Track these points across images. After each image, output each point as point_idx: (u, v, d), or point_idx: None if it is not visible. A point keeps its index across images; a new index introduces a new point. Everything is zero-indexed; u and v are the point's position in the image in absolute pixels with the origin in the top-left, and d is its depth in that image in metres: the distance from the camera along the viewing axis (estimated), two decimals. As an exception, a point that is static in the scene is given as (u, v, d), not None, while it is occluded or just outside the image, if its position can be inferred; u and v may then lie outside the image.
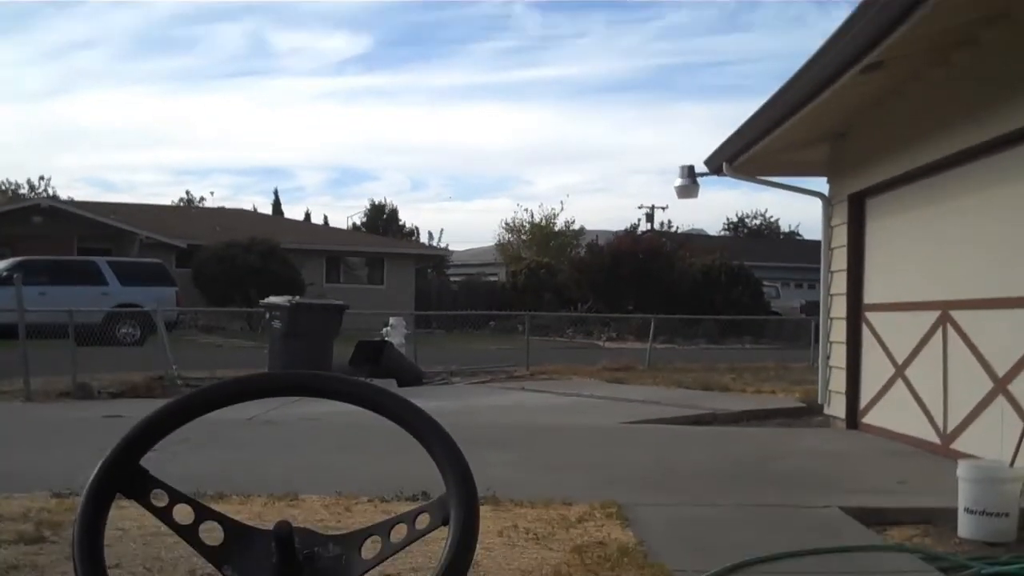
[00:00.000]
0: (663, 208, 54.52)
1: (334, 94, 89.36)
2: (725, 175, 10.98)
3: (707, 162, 11.39)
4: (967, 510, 5.48)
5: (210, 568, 1.26)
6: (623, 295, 33.65)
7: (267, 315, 14.97)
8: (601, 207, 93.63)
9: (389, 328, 17.22)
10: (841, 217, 10.22)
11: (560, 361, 17.86)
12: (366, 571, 1.24)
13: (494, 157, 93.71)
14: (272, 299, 15.09)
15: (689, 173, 12.14)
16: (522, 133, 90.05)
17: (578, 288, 35.48)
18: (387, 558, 1.23)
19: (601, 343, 28.64)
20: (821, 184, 11.02)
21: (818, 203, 10.90)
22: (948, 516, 5.62)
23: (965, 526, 5.47)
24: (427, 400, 9.28)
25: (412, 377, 14.66)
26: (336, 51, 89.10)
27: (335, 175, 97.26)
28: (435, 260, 44.81)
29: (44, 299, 18.43)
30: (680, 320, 26.88)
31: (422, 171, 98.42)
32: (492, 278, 43.96)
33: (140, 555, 4.51)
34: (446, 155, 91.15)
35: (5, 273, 20.39)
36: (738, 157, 10.41)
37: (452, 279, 45.50)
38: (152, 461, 1.28)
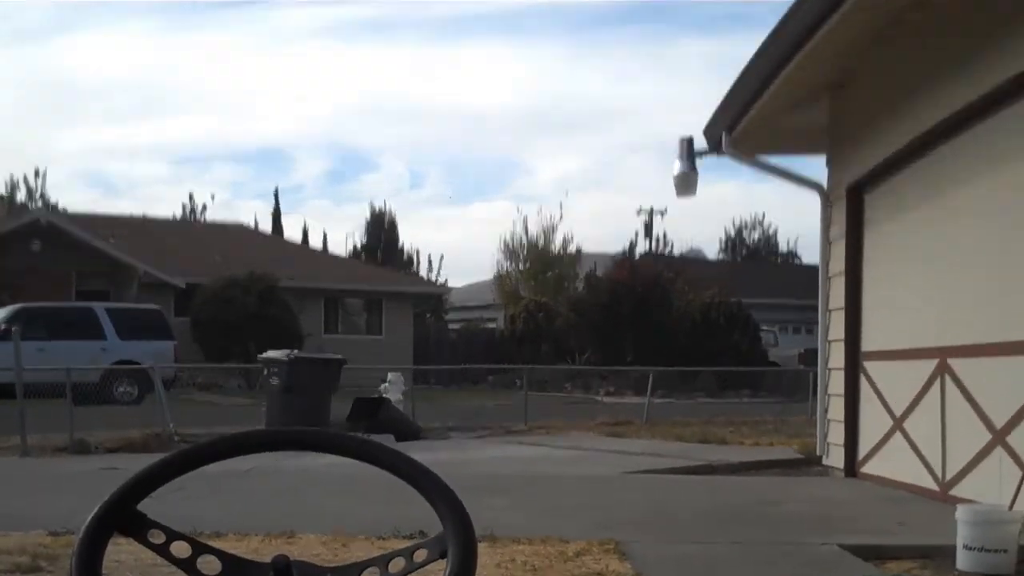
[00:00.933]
0: (662, 213, 54.92)
1: (334, 28, 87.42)
2: (724, 153, 10.81)
3: (706, 131, 11.06)
4: (966, 547, 5.48)
5: None
6: (621, 341, 33.65)
7: (265, 371, 14.95)
8: (599, 211, 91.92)
9: (387, 384, 17.19)
10: (840, 224, 10.10)
11: (558, 416, 17.80)
12: None
13: (493, 127, 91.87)
14: (271, 353, 15.07)
15: (688, 150, 11.54)
16: (521, 90, 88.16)
17: (576, 334, 35.49)
18: None
19: (599, 398, 28.57)
20: (820, 168, 10.90)
21: (816, 205, 10.79)
22: (947, 552, 5.61)
23: (963, 560, 5.46)
24: (424, 453, 9.27)
25: (410, 432, 14.61)
26: None
27: (334, 163, 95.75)
28: (434, 300, 44.81)
29: (43, 355, 18.42)
30: (678, 373, 26.87)
31: (420, 152, 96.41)
32: (490, 324, 44.02)
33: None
34: (444, 124, 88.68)
35: (4, 325, 20.38)
36: (738, 121, 10.16)
37: (451, 326, 45.50)
38: (149, 507, 1.31)
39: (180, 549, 1.30)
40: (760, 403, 24.08)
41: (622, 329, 33.97)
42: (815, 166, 11.28)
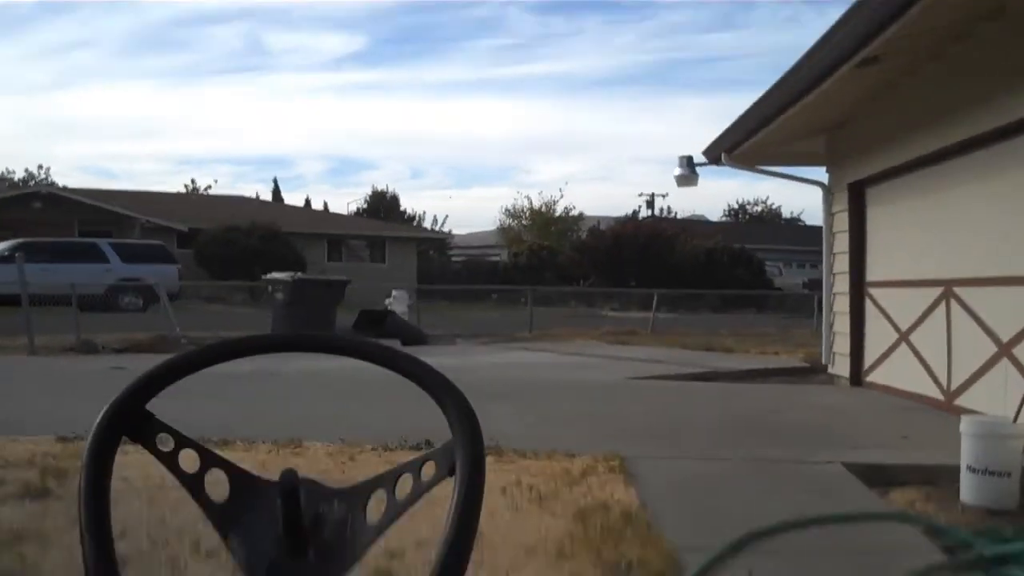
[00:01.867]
0: (663, 196, 54.55)
1: (331, 88, 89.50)
2: (724, 165, 10.95)
3: (706, 152, 11.39)
4: (970, 468, 5.44)
5: (214, 541, 1.24)
6: (625, 273, 33.61)
7: (270, 289, 14.98)
8: (601, 195, 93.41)
9: (392, 299, 17.25)
10: (842, 204, 10.24)
11: (563, 325, 17.87)
12: (372, 541, 1.22)
13: (494, 147, 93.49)
14: (275, 274, 15.12)
15: (688, 163, 12.11)
16: (522, 123, 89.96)
17: (580, 268, 35.44)
18: (393, 521, 1.21)
19: (604, 312, 28.66)
20: (820, 173, 11.03)
21: (818, 191, 10.86)
22: (951, 475, 5.58)
23: (968, 488, 5.42)
24: (430, 357, 9.21)
25: (416, 338, 14.69)
26: (331, 50, 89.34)
27: (334, 164, 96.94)
28: (437, 243, 44.70)
29: (46, 275, 18.43)
30: (683, 294, 26.89)
31: (422, 160, 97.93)
32: (494, 258, 43.92)
33: (145, 517, 4.47)
34: (446, 146, 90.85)
35: (7, 252, 20.29)
36: (736, 148, 10.44)
37: (454, 259, 45.42)
38: (156, 411, 1.27)
39: (188, 460, 1.27)
40: (765, 317, 24.17)
41: (625, 266, 33.89)
42: (814, 172, 11.37)
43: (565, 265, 36.41)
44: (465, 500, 1.14)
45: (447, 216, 65.64)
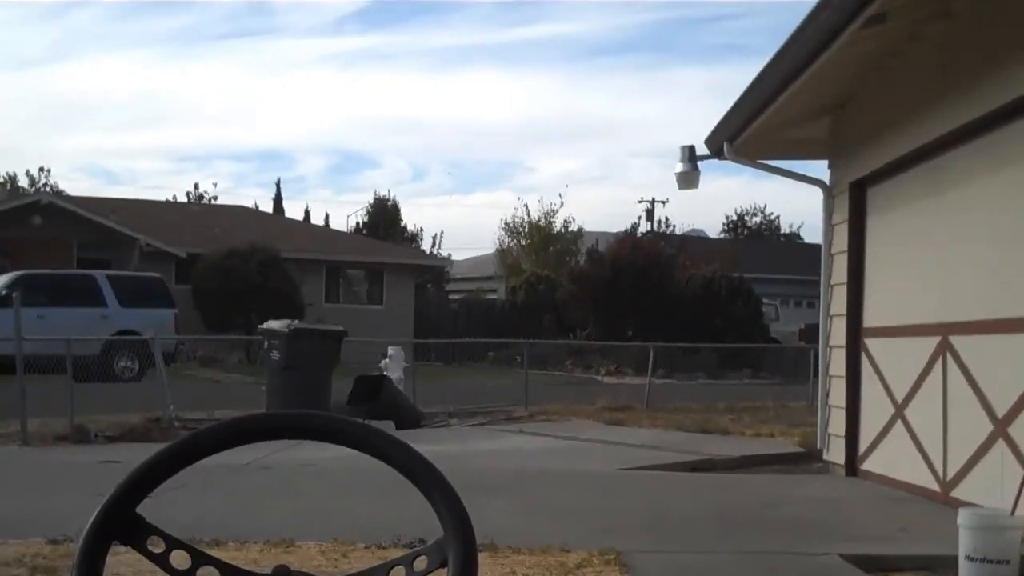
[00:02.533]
0: (663, 202, 54.95)
1: (334, 57, 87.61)
2: (726, 158, 10.77)
3: (707, 141, 11.13)
4: (968, 558, 5.45)
5: None
6: (622, 314, 33.64)
7: (265, 344, 14.97)
8: (600, 200, 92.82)
9: (387, 360, 17.21)
10: (842, 213, 10.09)
11: (559, 398, 17.83)
12: None
13: (495, 137, 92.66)
14: (271, 324, 15.08)
15: (690, 156, 11.67)
16: (523, 107, 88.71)
17: (578, 306, 35.49)
18: None
19: (600, 378, 28.65)
20: (822, 171, 10.90)
21: (818, 199, 10.75)
22: (948, 563, 5.60)
23: (966, 573, 5.44)
24: (426, 444, 9.24)
25: (410, 418, 14.63)
26: (335, 6, 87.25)
27: (336, 159, 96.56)
28: (435, 272, 44.80)
29: (43, 323, 18.47)
30: (679, 349, 26.91)
31: (423, 154, 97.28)
32: (492, 295, 44.04)
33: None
34: (447, 134, 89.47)
35: (4, 292, 20.42)
36: (739, 134, 10.19)
37: (452, 296, 45.52)
38: (149, 507, 1.28)
39: (179, 560, 1.28)
40: (761, 385, 24.15)
41: (623, 302, 33.96)
42: (817, 167, 11.35)
43: (563, 303, 36.45)
44: None
45: (443, 232, 65.85)
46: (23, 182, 51.65)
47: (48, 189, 47.88)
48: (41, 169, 56.32)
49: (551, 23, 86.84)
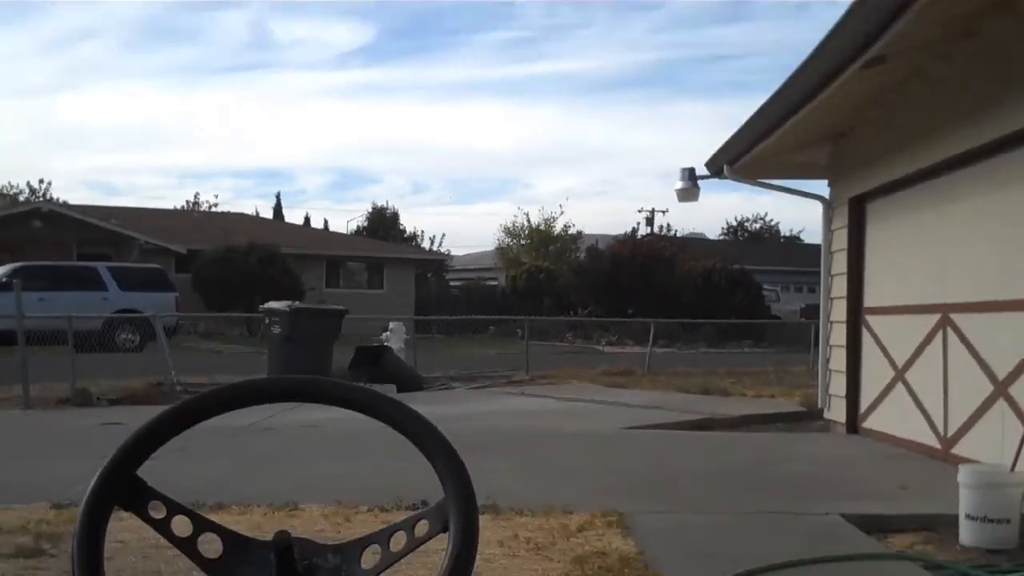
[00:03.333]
0: (663, 212, 54.73)
1: (336, 90, 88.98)
2: (726, 177, 10.92)
3: (708, 164, 11.33)
4: (968, 516, 5.47)
5: None
6: (623, 300, 33.56)
7: (266, 320, 14.95)
8: (600, 211, 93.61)
9: (388, 333, 17.22)
10: (841, 221, 10.19)
11: (560, 366, 17.84)
12: None
13: (495, 159, 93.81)
14: (272, 304, 15.07)
15: (690, 176, 12.03)
16: (523, 135, 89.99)
17: (578, 293, 35.37)
18: (387, 568, 1.23)
19: (601, 347, 28.63)
20: (822, 187, 11.00)
21: (818, 207, 10.87)
22: (950, 523, 5.61)
23: (967, 533, 5.45)
24: (426, 406, 9.23)
25: (412, 382, 14.65)
26: (338, 43, 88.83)
27: (336, 178, 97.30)
28: (435, 265, 44.76)
29: (43, 304, 18.42)
30: (680, 324, 26.86)
31: (423, 174, 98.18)
32: (492, 283, 43.95)
33: (140, 569, 4.49)
34: (447, 157, 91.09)
35: (4, 279, 20.38)
36: (739, 159, 10.36)
37: (452, 284, 45.47)
38: (150, 470, 1.27)
39: (181, 526, 1.27)
40: (762, 353, 24.15)
41: (624, 291, 33.88)
42: (816, 185, 11.39)
43: (563, 290, 36.36)
44: (459, 555, 1.16)
45: (444, 235, 65.86)
46: (24, 195, 51.60)
47: (49, 199, 47.79)
48: (41, 181, 56.50)
49: (553, 61, 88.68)
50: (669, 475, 7.51)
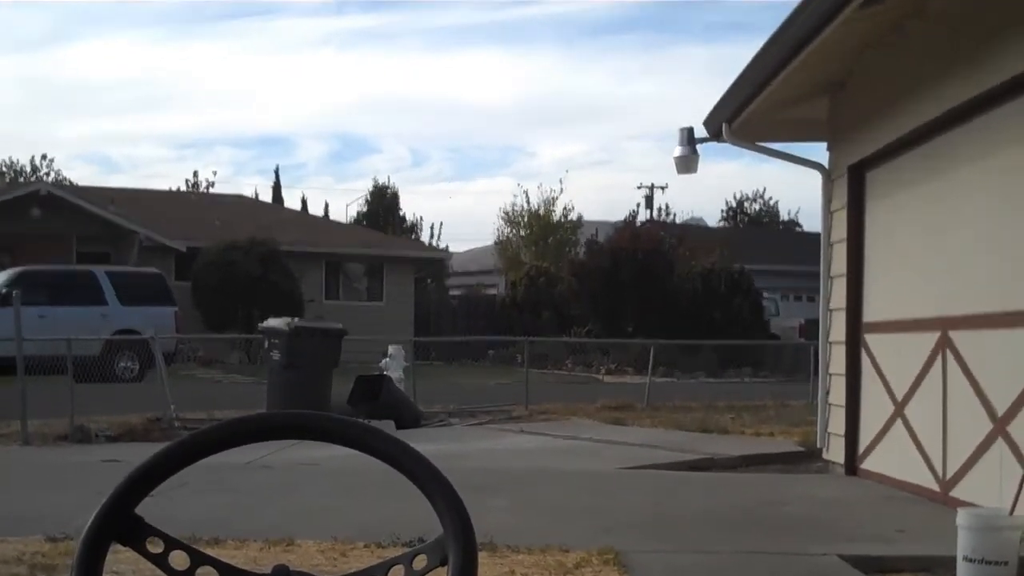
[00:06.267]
0: (662, 188, 54.98)
1: (334, 36, 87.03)
2: (724, 140, 10.73)
3: (706, 123, 11.08)
4: (966, 558, 5.46)
5: None
6: (623, 310, 33.62)
7: (266, 343, 14.97)
8: (600, 186, 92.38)
9: (388, 359, 17.21)
10: (840, 199, 10.04)
11: (559, 397, 17.82)
12: None
13: (495, 118, 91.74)
14: (271, 323, 15.06)
15: (688, 139, 11.53)
16: (522, 88, 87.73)
17: (577, 301, 35.47)
18: None
19: (600, 377, 28.65)
20: (821, 152, 10.81)
21: (818, 182, 10.68)
22: (947, 564, 5.60)
23: (964, 573, 5.45)
24: (426, 443, 9.26)
25: (411, 418, 14.63)
26: None
27: (336, 146, 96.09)
28: (435, 265, 44.77)
29: (43, 322, 18.51)
30: (679, 348, 26.91)
31: (423, 139, 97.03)
32: (491, 291, 44.08)
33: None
34: (446, 115, 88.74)
35: (4, 289, 20.48)
36: (737, 115, 10.15)
37: (452, 291, 45.57)
38: (149, 506, 1.29)
39: (178, 560, 1.28)
40: (761, 383, 24.13)
41: (623, 296, 33.93)
42: (815, 150, 11.24)
43: (563, 299, 36.43)
44: None
45: (442, 223, 65.59)
46: (27, 170, 51.84)
47: (51, 178, 47.90)
48: (44, 157, 56.45)
49: (550, 2, 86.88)
50: (667, 515, 7.50)
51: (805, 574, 5.53)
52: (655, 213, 53.71)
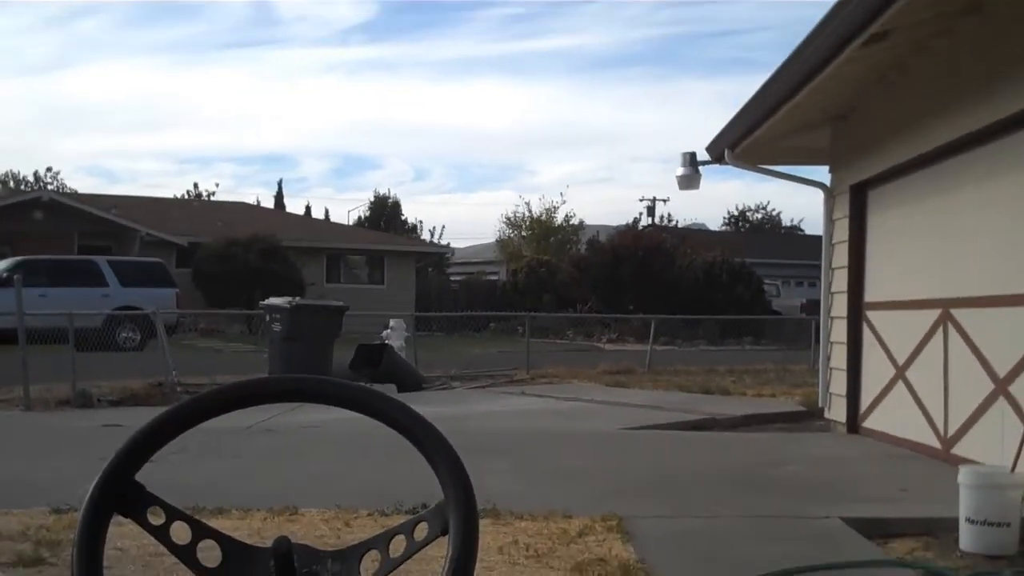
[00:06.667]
0: (664, 200, 54.95)
1: (339, 66, 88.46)
2: (727, 163, 10.80)
3: (709, 148, 11.20)
4: (968, 520, 5.46)
5: None
6: (624, 294, 33.54)
7: (267, 317, 14.95)
8: (602, 199, 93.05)
9: (389, 331, 17.21)
10: (843, 210, 10.12)
11: (560, 364, 17.84)
12: None
13: (497, 142, 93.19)
14: (272, 300, 15.06)
15: (691, 161, 11.83)
16: (525, 115, 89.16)
17: (578, 287, 35.36)
18: (387, 574, 1.22)
19: (601, 345, 28.63)
20: (823, 174, 10.90)
21: (820, 196, 10.76)
22: (950, 526, 5.60)
23: (967, 537, 5.45)
24: (427, 406, 9.25)
25: (412, 382, 14.65)
26: (341, 19, 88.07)
27: (338, 163, 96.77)
28: (436, 258, 44.80)
29: (44, 301, 18.44)
30: (681, 321, 26.85)
31: (425, 158, 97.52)
32: (492, 277, 43.95)
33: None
34: (449, 139, 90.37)
35: (5, 274, 20.41)
36: (740, 143, 10.25)
37: (452, 278, 45.48)
38: (149, 473, 1.27)
39: (180, 532, 1.27)
40: (762, 351, 24.11)
41: (624, 284, 33.85)
42: (817, 171, 11.33)
43: (564, 284, 36.34)
44: (459, 558, 1.15)
45: (444, 226, 65.86)
46: (29, 181, 51.82)
47: (53, 187, 47.86)
48: (49, 169, 56.73)
49: (556, 36, 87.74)
50: (669, 477, 7.51)
51: (809, 538, 5.52)
52: (657, 221, 53.83)
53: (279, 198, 54.77)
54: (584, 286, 35.11)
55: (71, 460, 7.68)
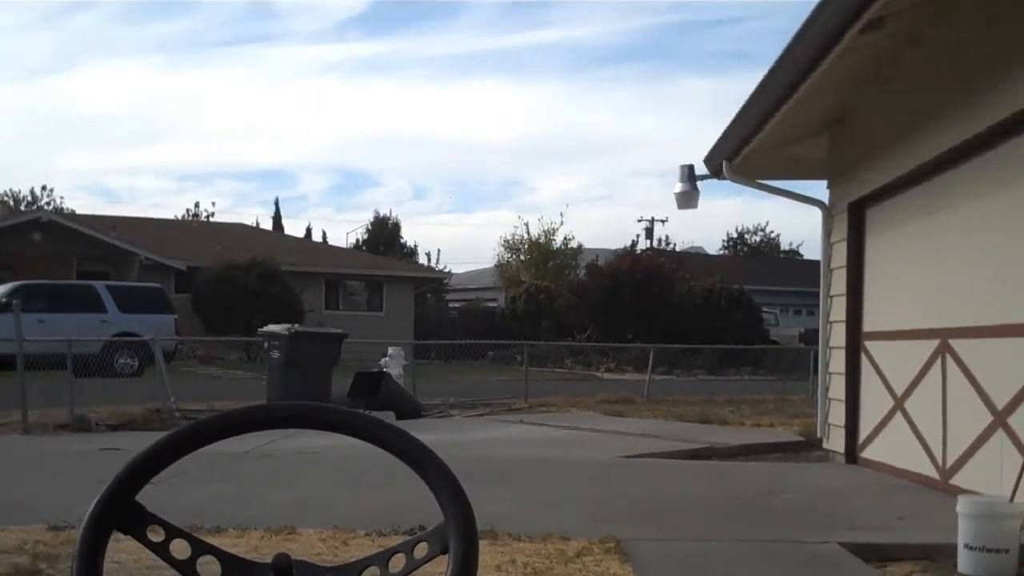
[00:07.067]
0: (663, 221, 55.09)
1: (336, 66, 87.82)
2: (725, 178, 10.78)
3: (707, 160, 11.15)
4: (967, 546, 5.46)
5: None
6: (622, 322, 33.54)
7: (266, 344, 14.95)
8: (601, 219, 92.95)
9: (387, 358, 17.21)
10: (841, 232, 10.12)
11: (559, 393, 17.83)
12: None
13: (497, 154, 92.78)
14: (271, 328, 15.06)
15: (689, 175, 11.68)
16: (524, 123, 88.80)
17: (577, 315, 35.37)
18: None
19: (600, 374, 28.61)
20: (821, 190, 10.89)
21: (818, 217, 10.75)
22: (948, 552, 5.60)
23: (965, 562, 5.45)
24: (425, 433, 9.22)
25: (411, 409, 14.64)
26: (337, 9, 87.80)
27: (337, 179, 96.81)
28: (434, 283, 44.82)
29: (43, 327, 18.44)
30: (678, 350, 26.87)
31: (424, 174, 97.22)
32: (491, 304, 43.97)
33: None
34: (448, 149, 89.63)
35: (4, 300, 20.41)
36: (738, 153, 10.21)
37: (451, 305, 45.48)
38: (149, 495, 1.29)
39: (179, 549, 1.28)
40: (760, 381, 24.10)
41: (623, 310, 33.84)
42: (816, 188, 11.33)
43: (563, 312, 36.32)
44: (460, 574, 1.16)
45: (439, 250, 65.69)
46: (27, 200, 52.00)
47: (51, 207, 48.04)
48: (44, 188, 56.81)
49: (553, 28, 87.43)
50: (667, 504, 7.50)
51: (806, 562, 5.52)
52: (655, 243, 54.00)
53: (277, 219, 54.78)
54: (583, 313, 35.10)
55: (69, 482, 7.67)
